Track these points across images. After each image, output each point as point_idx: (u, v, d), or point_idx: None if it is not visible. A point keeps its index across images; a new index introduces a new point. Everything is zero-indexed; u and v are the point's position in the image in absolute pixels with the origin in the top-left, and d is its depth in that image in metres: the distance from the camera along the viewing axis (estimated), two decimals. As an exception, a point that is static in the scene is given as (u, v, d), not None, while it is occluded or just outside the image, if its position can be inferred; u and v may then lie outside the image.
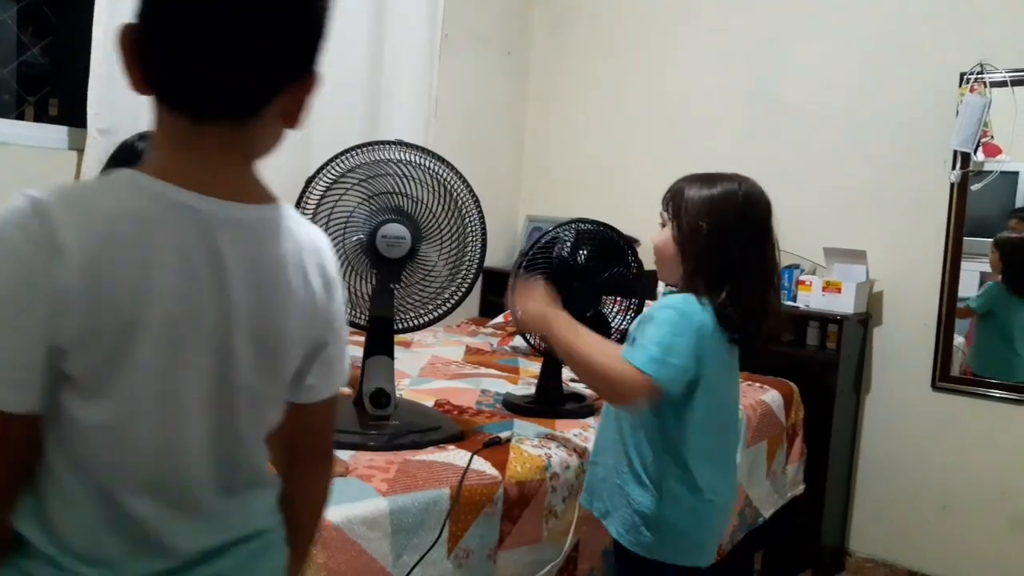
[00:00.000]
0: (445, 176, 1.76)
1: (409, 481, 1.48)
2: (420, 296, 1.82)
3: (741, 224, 1.41)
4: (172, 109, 0.76)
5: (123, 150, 1.40)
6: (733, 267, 1.38)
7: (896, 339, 2.86)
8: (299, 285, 0.83)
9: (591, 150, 3.68)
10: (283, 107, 0.80)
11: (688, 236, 1.42)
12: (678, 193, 1.47)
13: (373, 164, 1.74)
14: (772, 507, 2.57)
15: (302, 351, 0.85)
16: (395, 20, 3.10)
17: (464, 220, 1.80)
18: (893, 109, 2.86)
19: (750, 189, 1.46)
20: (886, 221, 2.87)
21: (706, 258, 1.39)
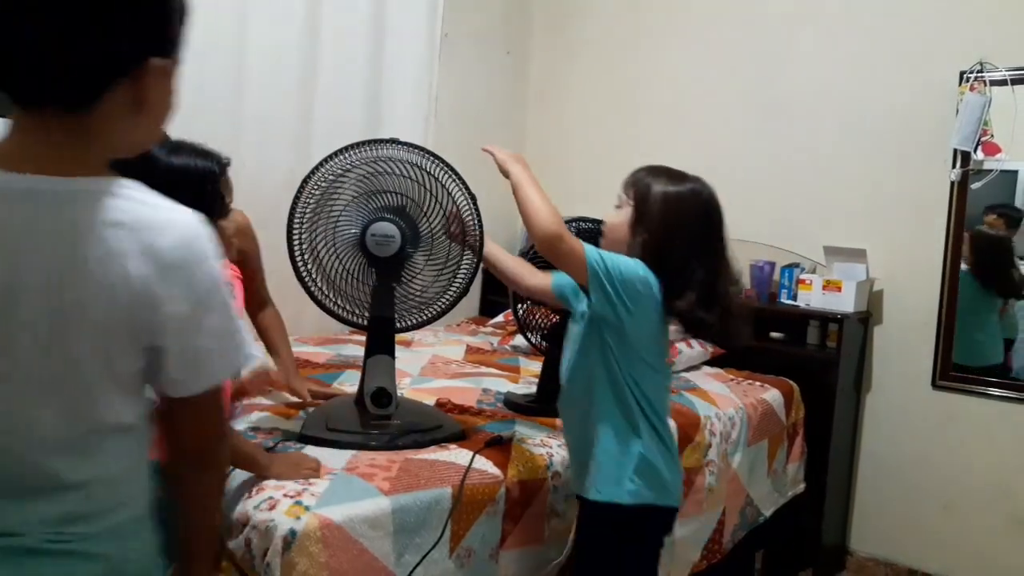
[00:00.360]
0: (440, 175, 1.76)
1: (411, 480, 1.48)
2: (418, 295, 1.82)
3: (700, 225, 1.49)
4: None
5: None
6: (686, 263, 1.44)
7: (896, 338, 2.86)
8: (104, 263, 0.77)
9: (590, 149, 3.68)
10: (129, 96, 0.79)
11: (647, 226, 1.48)
12: (641, 180, 1.53)
13: (370, 162, 1.74)
14: (773, 506, 2.57)
15: (122, 339, 0.79)
16: (395, 19, 3.10)
17: (461, 221, 1.80)
18: (893, 108, 2.86)
19: (712, 193, 1.54)
20: (886, 220, 2.87)
21: (658, 250, 1.45)
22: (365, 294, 1.80)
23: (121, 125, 0.82)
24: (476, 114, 3.70)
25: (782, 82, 3.12)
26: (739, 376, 2.74)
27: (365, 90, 3.04)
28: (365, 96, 3.03)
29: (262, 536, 1.26)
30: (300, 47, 2.81)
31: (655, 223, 1.47)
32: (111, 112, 0.80)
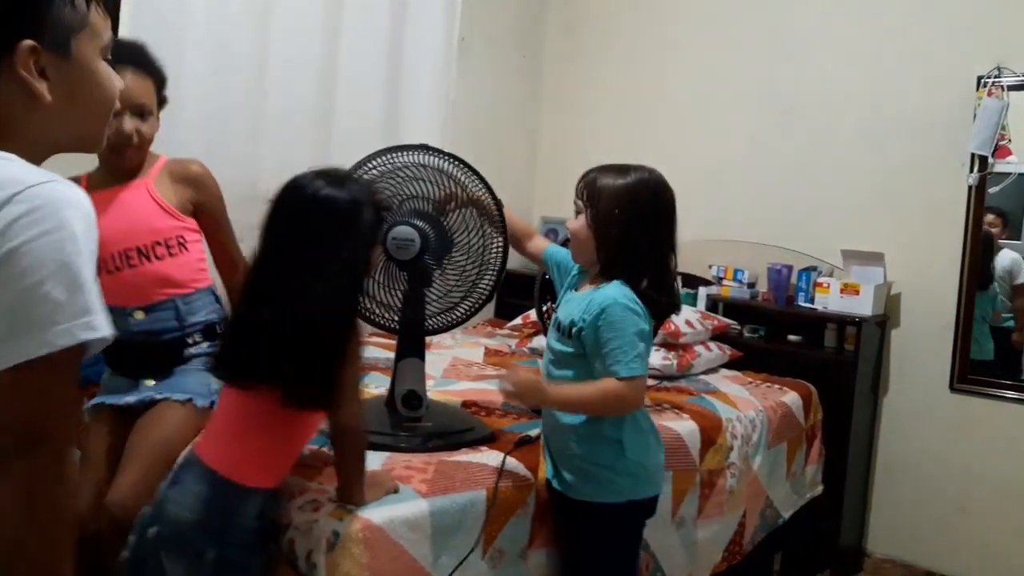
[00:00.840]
0: (468, 181, 1.78)
1: (447, 483, 1.50)
2: (443, 299, 1.84)
3: (654, 211, 1.56)
4: None
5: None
6: (649, 252, 1.54)
7: (914, 341, 2.88)
8: None
9: (605, 152, 3.67)
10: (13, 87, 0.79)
11: (604, 223, 1.54)
12: (592, 183, 1.60)
13: (401, 168, 1.76)
14: (791, 508, 2.59)
15: None
16: (413, 24, 3.12)
17: (486, 227, 1.82)
18: (910, 112, 2.87)
19: (659, 178, 1.60)
20: (903, 223, 2.89)
21: (622, 245, 1.53)
22: (394, 298, 1.82)
23: (27, 121, 0.81)
24: (492, 116, 3.73)
25: (798, 85, 3.13)
26: (757, 379, 2.76)
27: (384, 94, 3.06)
28: (384, 99, 3.06)
29: (305, 536, 1.29)
30: (320, 51, 2.83)
31: (610, 220, 1.54)
32: (10, 107, 0.80)
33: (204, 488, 1.25)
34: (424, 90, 3.21)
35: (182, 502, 1.25)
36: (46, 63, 0.80)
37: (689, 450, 2.07)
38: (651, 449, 1.62)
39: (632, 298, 1.50)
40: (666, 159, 3.43)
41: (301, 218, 1.29)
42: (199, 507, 1.24)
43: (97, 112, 0.88)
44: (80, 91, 0.85)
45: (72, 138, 0.87)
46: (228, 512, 1.25)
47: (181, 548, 1.23)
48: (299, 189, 1.31)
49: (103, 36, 0.87)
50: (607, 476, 1.55)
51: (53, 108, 0.81)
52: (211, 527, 1.24)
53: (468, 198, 1.76)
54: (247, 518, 1.27)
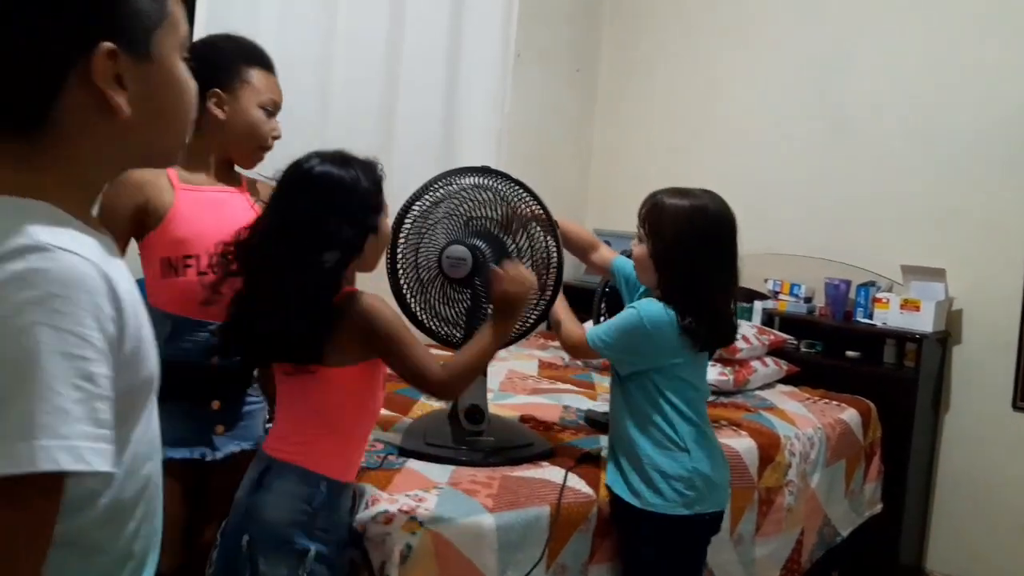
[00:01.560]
0: (527, 202, 1.82)
1: (512, 498, 1.53)
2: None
3: (711, 240, 1.57)
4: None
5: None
6: (705, 281, 1.56)
7: (976, 358, 2.83)
8: None
9: (658, 165, 3.70)
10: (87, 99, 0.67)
11: (662, 253, 1.58)
12: (652, 210, 1.62)
13: (462, 190, 1.80)
14: (850, 526, 2.56)
15: None
16: (470, 42, 3.17)
17: (547, 243, 1.85)
18: (969, 123, 2.83)
19: (719, 207, 1.61)
20: (966, 238, 2.84)
21: (679, 273, 1.57)
22: (451, 311, 1.86)
23: (94, 138, 0.69)
24: (544, 130, 3.77)
25: (856, 96, 3.11)
26: (815, 395, 2.74)
27: (441, 109, 3.12)
28: (442, 116, 3.11)
29: (378, 548, 1.33)
30: (381, 70, 2.90)
31: (668, 250, 1.58)
32: (72, 123, 0.68)
33: (299, 487, 1.27)
34: (480, 105, 3.26)
35: (278, 503, 1.26)
36: (123, 68, 0.68)
37: (747, 467, 2.07)
38: (717, 464, 1.65)
39: (659, 316, 1.56)
40: (721, 172, 3.46)
41: (299, 192, 1.29)
42: (297, 506, 1.25)
43: (177, 123, 0.76)
44: (161, 100, 0.73)
45: (143, 155, 0.75)
46: (328, 507, 1.28)
47: (282, 549, 1.24)
48: (298, 165, 1.32)
49: (182, 29, 0.74)
50: (674, 486, 1.58)
51: (129, 122, 0.69)
52: (312, 524, 1.26)
53: (531, 214, 1.79)
54: (344, 513, 1.32)
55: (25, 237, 0.61)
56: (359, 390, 1.32)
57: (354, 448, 1.35)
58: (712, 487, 1.62)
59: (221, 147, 1.62)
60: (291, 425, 1.33)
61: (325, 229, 1.25)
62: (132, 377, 0.68)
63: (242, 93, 1.59)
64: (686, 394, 1.63)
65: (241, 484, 1.33)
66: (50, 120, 0.67)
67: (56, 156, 0.68)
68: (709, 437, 1.66)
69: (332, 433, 1.30)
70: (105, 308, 0.63)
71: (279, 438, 1.34)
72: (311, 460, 1.29)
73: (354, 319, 1.27)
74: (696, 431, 1.62)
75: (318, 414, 1.30)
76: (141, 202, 1.50)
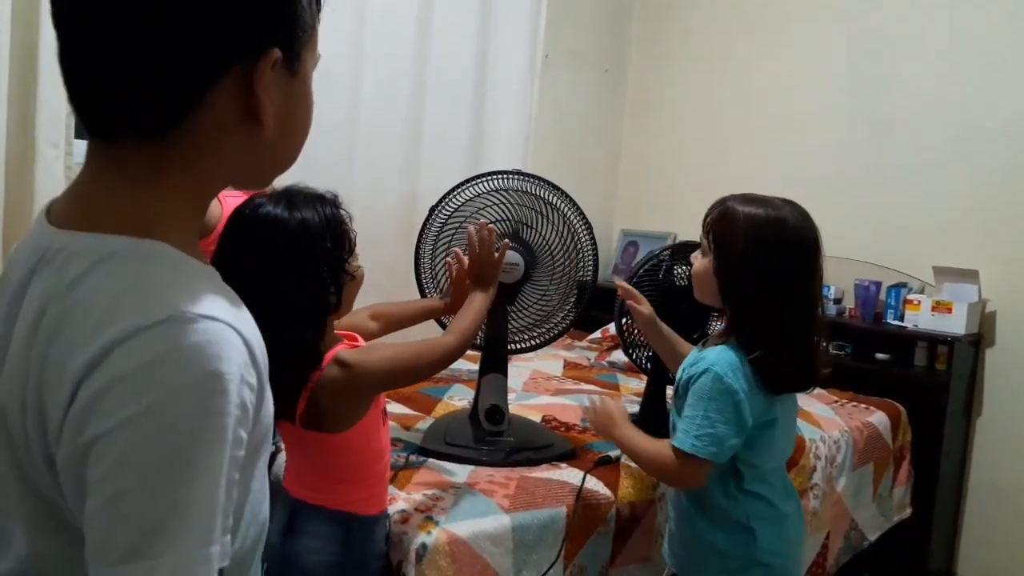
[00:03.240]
0: (559, 205, 1.83)
1: (528, 499, 1.54)
2: (533, 318, 1.89)
3: (789, 257, 1.31)
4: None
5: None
6: (779, 310, 1.30)
7: (1010, 361, 2.77)
8: (23, 338, 0.58)
9: (687, 165, 3.68)
10: (235, 103, 0.61)
11: (730, 268, 1.33)
12: (721, 219, 1.36)
13: (491, 193, 1.82)
14: (878, 531, 2.53)
15: (34, 451, 0.57)
16: (498, 43, 3.19)
17: (578, 248, 1.86)
18: (1005, 121, 2.77)
19: (801, 218, 1.35)
20: (999, 239, 2.78)
21: (747, 295, 1.32)
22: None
23: (221, 152, 0.62)
24: (574, 131, 3.77)
25: (887, 93, 3.06)
26: (843, 398, 2.71)
27: (470, 112, 3.14)
28: (470, 118, 3.13)
29: (396, 547, 1.35)
30: (410, 73, 2.93)
31: (736, 269, 1.33)
32: (208, 129, 0.60)
33: (331, 528, 1.25)
34: (508, 107, 3.28)
35: (314, 547, 1.24)
36: (275, 80, 0.62)
37: (771, 470, 2.05)
38: (790, 539, 1.42)
39: (735, 368, 1.29)
40: (750, 171, 3.43)
41: (246, 243, 1.12)
42: (333, 548, 1.24)
43: (299, 144, 0.69)
44: (296, 119, 0.67)
45: (256, 176, 0.69)
46: (364, 542, 1.27)
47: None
48: (240, 212, 1.14)
49: (317, 49, 0.69)
50: (738, 567, 1.38)
51: (265, 138, 0.63)
52: (351, 561, 1.25)
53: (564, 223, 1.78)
54: (379, 543, 1.31)
55: (162, 305, 0.55)
56: (369, 436, 1.28)
57: (376, 483, 1.32)
58: (783, 563, 1.41)
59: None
60: (309, 470, 1.29)
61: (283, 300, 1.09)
62: (262, 429, 0.63)
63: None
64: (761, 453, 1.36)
65: (270, 527, 1.31)
66: (187, 124, 0.59)
67: (183, 168, 0.61)
68: (777, 507, 1.40)
69: (351, 482, 1.28)
70: (248, 378, 0.58)
71: (300, 481, 1.30)
72: (338, 502, 1.26)
73: (348, 385, 1.18)
74: (762, 506, 1.38)
75: (336, 469, 1.27)
76: None
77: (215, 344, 0.55)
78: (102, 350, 0.53)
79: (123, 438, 0.52)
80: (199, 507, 0.54)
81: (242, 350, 0.58)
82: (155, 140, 0.59)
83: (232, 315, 0.59)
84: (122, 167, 0.60)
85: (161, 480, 0.52)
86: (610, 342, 3.15)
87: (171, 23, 0.56)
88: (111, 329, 0.53)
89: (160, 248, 0.59)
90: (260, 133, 0.62)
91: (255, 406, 0.59)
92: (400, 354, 1.28)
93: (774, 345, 1.29)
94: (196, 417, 0.53)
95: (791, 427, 1.45)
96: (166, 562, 0.52)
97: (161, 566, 0.52)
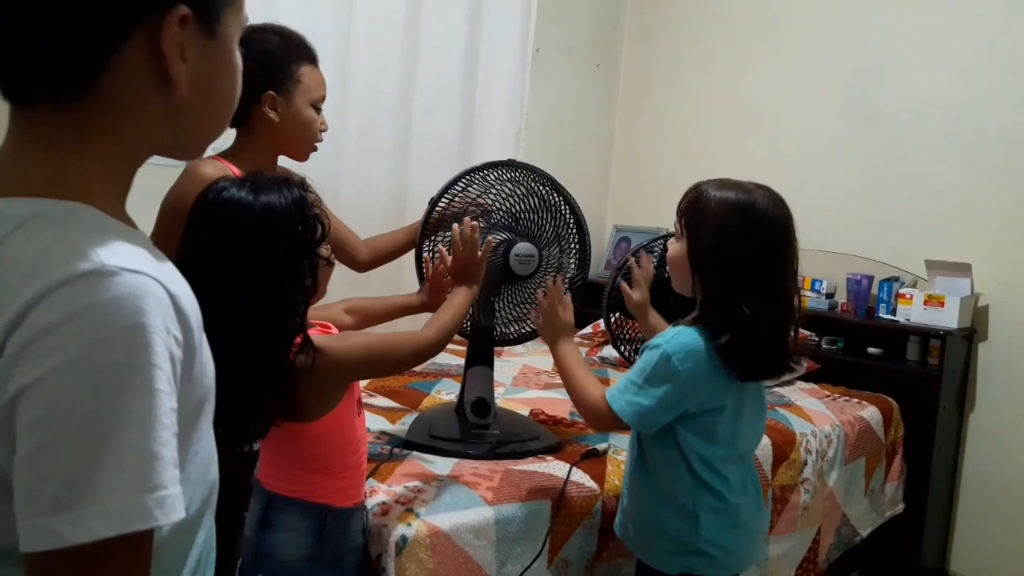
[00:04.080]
0: (553, 197, 1.81)
1: (513, 491, 1.52)
2: (523, 309, 1.87)
3: (759, 241, 1.30)
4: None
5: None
6: (743, 299, 1.27)
7: (1003, 355, 2.76)
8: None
9: (679, 161, 3.67)
10: (144, 66, 0.60)
11: (701, 253, 1.32)
12: (692, 204, 1.35)
13: (487, 184, 1.79)
14: (870, 526, 2.51)
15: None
16: (489, 37, 3.17)
17: (571, 236, 1.85)
18: (999, 117, 2.76)
19: (773, 203, 1.33)
20: (992, 233, 2.77)
21: (718, 287, 1.30)
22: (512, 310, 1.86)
23: (140, 116, 0.62)
24: (565, 126, 3.75)
25: (880, 89, 3.05)
26: (835, 392, 2.69)
27: (460, 106, 3.12)
28: (460, 112, 3.12)
29: (376, 539, 1.33)
30: (398, 64, 2.91)
31: (707, 253, 1.31)
32: (124, 91, 0.60)
33: (306, 521, 1.23)
34: (499, 101, 3.26)
35: (287, 540, 1.23)
36: (189, 40, 0.61)
37: (761, 465, 2.04)
38: (737, 528, 1.39)
39: (689, 351, 1.28)
40: (742, 166, 3.38)
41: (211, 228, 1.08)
42: (307, 541, 1.22)
43: (224, 113, 0.69)
44: (217, 84, 0.66)
45: (180, 144, 0.69)
46: (338, 535, 1.25)
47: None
48: (203, 195, 1.09)
49: (243, 14, 0.69)
50: (679, 550, 1.37)
51: (181, 102, 0.63)
52: (324, 556, 1.23)
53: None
54: (355, 536, 1.29)
55: (84, 259, 0.55)
56: (343, 425, 1.25)
57: (351, 475, 1.29)
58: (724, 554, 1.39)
59: (274, 146, 1.65)
60: (282, 462, 1.27)
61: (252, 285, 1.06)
62: (200, 390, 0.64)
63: (295, 93, 1.62)
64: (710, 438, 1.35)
65: (247, 520, 1.30)
66: (98, 86, 0.59)
67: (101, 131, 0.61)
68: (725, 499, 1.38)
69: (325, 472, 1.25)
70: (173, 331, 0.58)
71: (273, 472, 1.28)
72: (312, 494, 1.24)
73: (324, 371, 1.15)
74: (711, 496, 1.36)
75: (310, 459, 1.24)
76: None
77: (138, 297, 0.55)
78: (26, 304, 0.53)
79: (47, 388, 0.52)
80: (128, 456, 0.53)
81: (167, 303, 0.58)
82: (70, 103, 0.60)
83: (156, 269, 0.58)
84: (42, 133, 0.61)
85: (85, 430, 0.52)
86: (601, 337, 3.13)
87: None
88: (35, 284, 0.53)
89: (83, 208, 0.60)
90: (175, 98, 0.62)
91: (183, 362, 0.59)
92: (374, 343, 1.26)
93: (740, 331, 1.27)
94: (119, 368, 0.54)
95: (749, 421, 1.40)
96: (95, 511, 0.52)
97: (91, 515, 0.52)
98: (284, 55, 1.62)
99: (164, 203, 1.52)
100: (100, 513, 0.52)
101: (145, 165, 0.70)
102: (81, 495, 0.52)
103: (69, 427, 0.52)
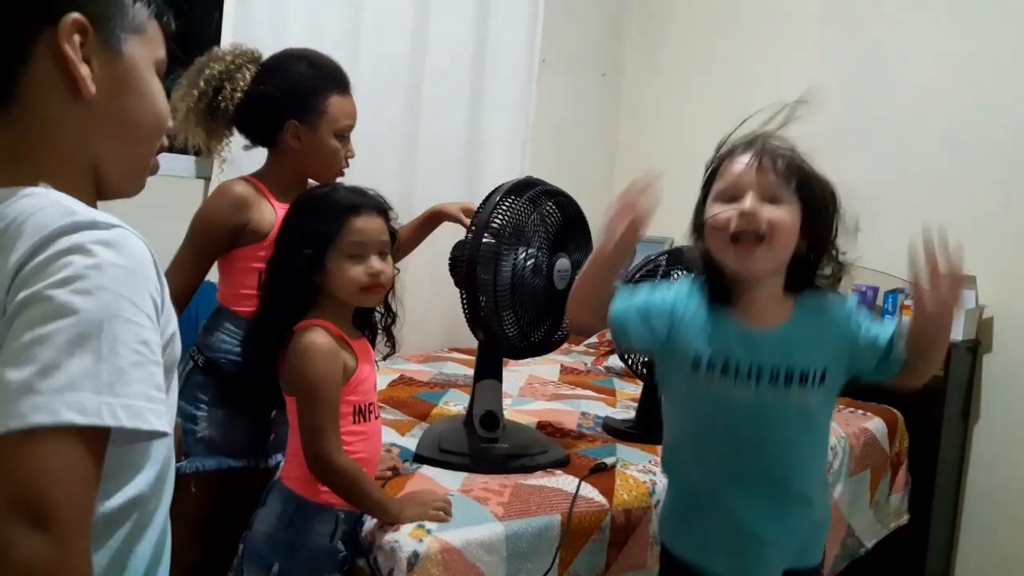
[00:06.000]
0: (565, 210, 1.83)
1: (522, 506, 1.53)
2: (535, 322, 1.87)
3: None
4: None
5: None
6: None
7: (1008, 367, 2.76)
8: None
9: (684, 170, 3.65)
10: (54, 77, 0.67)
11: (821, 215, 1.29)
12: (793, 167, 1.29)
13: (531, 200, 1.81)
14: (874, 537, 2.52)
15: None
16: (495, 48, 3.18)
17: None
18: (1003, 126, 2.76)
19: None
20: (997, 244, 2.77)
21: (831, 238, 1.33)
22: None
23: (63, 125, 0.69)
24: (570, 135, 3.75)
25: (881, 96, 3.05)
26: (840, 403, 2.70)
27: (466, 116, 3.13)
28: (466, 122, 3.12)
29: (387, 556, 1.34)
30: (405, 76, 2.92)
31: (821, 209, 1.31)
32: (43, 103, 0.68)
33: (280, 504, 1.34)
34: (505, 111, 3.27)
35: (264, 518, 1.35)
36: (91, 51, 0.68)
37: (767, 477, 2.04)
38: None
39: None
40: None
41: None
42: (273, 521, 1.33)
43: (142, 132, 0.75)
44: (128, 103, 0.73)
45: (113, 168, 0.74)
46: (298, 527, 1.32)
47: (256, 560, 1.33)
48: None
49: (158, 50, 0.76)
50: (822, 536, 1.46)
51: (96, 108, 0.69)
52: (280, 540, 1.32)
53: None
54: (318, 536, 1.32)
55: (73, 215, 0.64)
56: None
57: None
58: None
59: (302, 169, 1.69)
60: (293, 450, 1.37)
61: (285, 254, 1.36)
62: (168, 357, 0.70)
63: (319, 124, 1.63)
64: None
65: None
66: (19, 98, 0.67)
67: (40, 144, 0.69)
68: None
69: (300, 457, 1.32)
70: (153, 281, 0.66)
71: (287, 459, 1.41)
72: (290, 476, 1.36)
73: (291, 355, 1.31)
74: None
75: (293, 437, 1.36)
76: (244, 221, 1.58)
77: (131, 247, 0.64)
78: (40, 240, 0.61)
79: (43, 298, 0.59)
80: (104, 363, 0.59)
81: (150, 260, 0.67)
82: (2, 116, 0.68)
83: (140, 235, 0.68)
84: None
85: (67, 331, 0.59)
86: (607, 347, 3.14)
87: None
88: (45, 230, 0.62)
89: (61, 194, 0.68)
90: (83, 95, 0.68)
91: (156, 316, 0.66)
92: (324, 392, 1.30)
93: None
94: (112, 296, 0.61)
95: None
96: (61, 400, 0.57)
97: (56, 402, 0.57)
98: (310, 84, 1.63)
99: (195, 219, 1.59)
100: (65, 402, 0.57)
101: (158, 177, 0.79)
102: (50, 384, 0.57)
103: (54, 329, 0.58)
